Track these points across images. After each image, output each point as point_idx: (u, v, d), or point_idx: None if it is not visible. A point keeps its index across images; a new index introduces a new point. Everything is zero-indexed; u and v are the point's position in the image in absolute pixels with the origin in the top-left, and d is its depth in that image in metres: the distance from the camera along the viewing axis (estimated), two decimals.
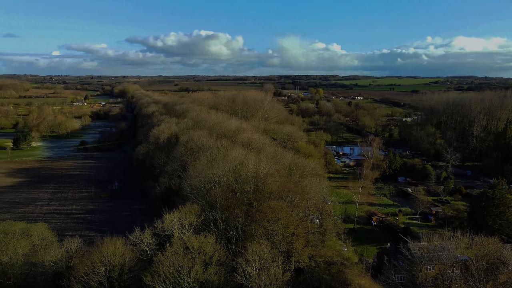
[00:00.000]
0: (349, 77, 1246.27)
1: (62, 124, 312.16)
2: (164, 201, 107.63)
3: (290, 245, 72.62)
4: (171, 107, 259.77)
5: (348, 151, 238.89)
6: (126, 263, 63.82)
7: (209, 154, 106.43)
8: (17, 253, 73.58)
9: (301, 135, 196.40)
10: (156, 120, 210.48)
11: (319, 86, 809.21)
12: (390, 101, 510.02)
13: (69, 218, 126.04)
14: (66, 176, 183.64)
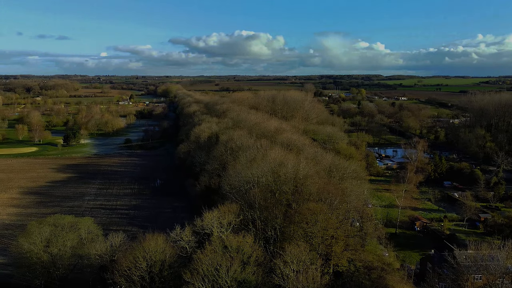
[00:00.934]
0: (393, 77, 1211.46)
1: (109, 122, 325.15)
2: (204, 200, 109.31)
3: (329, 248, 71.55)
4: (212, 107, 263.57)
5: (391, 153, 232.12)
6: (166, 259, 65.32)
7: (248, 154, 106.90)
8: (65, 245, 77.33)
9: (342, 136, 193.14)
10: (197, 119, 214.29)
11: (361, 86, 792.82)
12: (436, 101, 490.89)
13: (114, 213, 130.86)
14: (111, 172, 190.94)
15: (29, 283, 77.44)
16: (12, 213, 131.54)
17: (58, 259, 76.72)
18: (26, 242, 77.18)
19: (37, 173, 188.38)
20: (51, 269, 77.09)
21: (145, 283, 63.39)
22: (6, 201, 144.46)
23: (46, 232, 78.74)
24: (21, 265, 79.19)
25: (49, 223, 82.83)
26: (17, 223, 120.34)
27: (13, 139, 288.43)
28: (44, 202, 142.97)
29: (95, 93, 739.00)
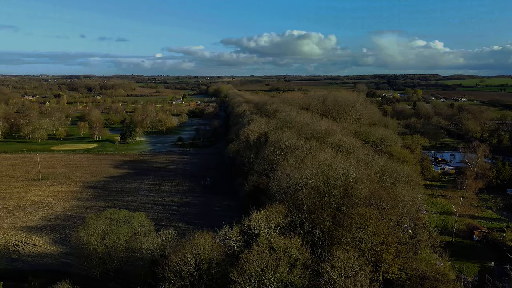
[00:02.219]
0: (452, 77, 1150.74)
1: (162, 121, 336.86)
2: (252, 199, 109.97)
3: (379, 254, 69.23)
4: (262, 107, 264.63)
5: (448, 157, 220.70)
6: (214, 257, 66.34)
7: (297, 155, 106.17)
8: (120, 239, 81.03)
9: (395, 139, 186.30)
10: (247, 119, 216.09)
11: (417, 86, 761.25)
12: (500, 103, 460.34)
13: (165, 209, 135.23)
14: (164, 169, 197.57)
15: (86, 272, 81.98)
16: (73, 206, 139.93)
17: (113, 251, 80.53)
18: (84, 234, 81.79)
19: (96, 168, 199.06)
20: (106, 260, 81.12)
21: (194, 279, 64.77)
22: (68, 194, 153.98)
23: (103, 225, 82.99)
24: (80, 255, 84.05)
25: (105, 216, 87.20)
26: (77, 215, 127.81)
27: (75, 136, 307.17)
28: (101, 196, 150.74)
29: (150, 93, 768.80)
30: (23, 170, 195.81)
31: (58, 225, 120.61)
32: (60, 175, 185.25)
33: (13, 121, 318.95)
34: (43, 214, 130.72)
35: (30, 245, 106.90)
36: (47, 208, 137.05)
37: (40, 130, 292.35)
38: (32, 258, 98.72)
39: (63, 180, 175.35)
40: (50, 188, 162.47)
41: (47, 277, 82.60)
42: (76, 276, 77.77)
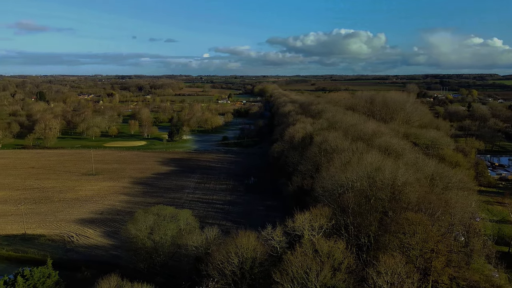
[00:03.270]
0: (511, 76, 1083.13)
1: (208, 120, 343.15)
2: (295, 200, 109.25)
3: (428, 262, 66.33)
4: (307, 107, 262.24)
5: (506, 162, 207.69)
6: (257, 257, 66.49)
7: (343, 156, 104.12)
8: (166, 234, 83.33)
9: (448, 142, 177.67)
10: (292, 119, 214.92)
11: (473, 86, 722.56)
12: None
13: (210, 207, 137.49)
14: (209, 168, 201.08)
15: (134, 265, 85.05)
16: (123, 200, 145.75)
17: (160, 246, 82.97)
18: (133, 228, 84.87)
19: (145, 165, 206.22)
20: (153, 255, 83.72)
21: (237, 278, 65.29)
22: (119, 189, 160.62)
23: (150, 220, 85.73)
24: (129, 249, 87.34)
25: (153, 212, 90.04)
26: (127, 210, 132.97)
27: (126, 133, 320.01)
28: (149, 192, 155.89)
29: (197, 92, 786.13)
30: (78, 165, 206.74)
31: (109, 219, 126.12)
32: (111, 170, 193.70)
33: (70, 118, 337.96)
34: (95, 208, 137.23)
35: (83, 236, 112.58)
36: (99, 202, 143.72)
37: (94, 128, 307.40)
38: (84, 249, 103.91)
39: (114, 176, 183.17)
40: (102, 183, 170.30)
41: (98, 268, 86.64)
42: (125, 269, 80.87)
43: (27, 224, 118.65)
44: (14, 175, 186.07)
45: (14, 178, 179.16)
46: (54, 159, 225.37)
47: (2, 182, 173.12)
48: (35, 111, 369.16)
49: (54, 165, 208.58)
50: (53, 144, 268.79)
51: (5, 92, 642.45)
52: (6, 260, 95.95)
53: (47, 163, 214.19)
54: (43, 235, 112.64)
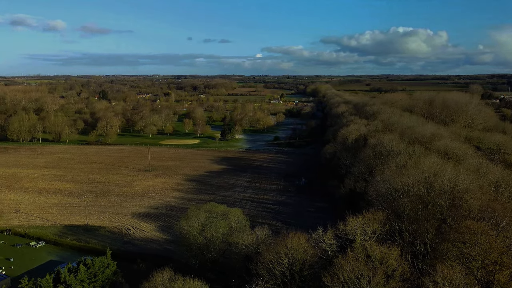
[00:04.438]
0: None
1: (260, 120, 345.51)
2: (347, 203, 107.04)
3: (490, 275, 62.14)
4: (361, 108, 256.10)
5: None
6: (307, 259, 65.87)
7: (399, 160, 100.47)
8: (217, 232, 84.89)
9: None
10: (345, 120, 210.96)
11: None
12: None
13: (260, 207, 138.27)
14: (260, 167, 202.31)
15: (186, 260, 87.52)
16: (177, 197, 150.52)
17: (211, 243, 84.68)
18: (186, 224, 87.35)
19: (198, 163, 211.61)
20: (204, 251, 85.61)
21: (286, 279, 65.09)
22: (173, 186, 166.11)
23: (202, 217, 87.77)
24: (181, 244, 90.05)
25: (205, 209, 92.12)
26: (180, 206, 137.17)
27: (181, 132, 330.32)
28: (202, 190, 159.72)
29: (249, 92, 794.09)
30: (135, 161, 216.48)
31: (163, 214, 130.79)
32: (166, 167, 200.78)
33: (129, 116, 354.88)
34: (151, 203, 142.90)
35: (139, 230, 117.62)
36: (155, 198, 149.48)
37: (151, 126, 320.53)
38: (140, 242, 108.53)
39: (169, 172, 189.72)
40: (157, 179, 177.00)
41: (152, 261, 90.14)
42: (177, 263, 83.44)
43: (88, 216, 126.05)
44: (78, 169, 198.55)
45: (78, 172, 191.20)
46: (114, 155, 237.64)
47: (67, 175, 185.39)
48: (98, 109, 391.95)
49: (114, 160, 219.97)
50: (114, 140, 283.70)
51: (71, 91, 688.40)
52: (70, 249, 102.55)
53: (108, 158, 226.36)
54: (103, 227, 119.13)
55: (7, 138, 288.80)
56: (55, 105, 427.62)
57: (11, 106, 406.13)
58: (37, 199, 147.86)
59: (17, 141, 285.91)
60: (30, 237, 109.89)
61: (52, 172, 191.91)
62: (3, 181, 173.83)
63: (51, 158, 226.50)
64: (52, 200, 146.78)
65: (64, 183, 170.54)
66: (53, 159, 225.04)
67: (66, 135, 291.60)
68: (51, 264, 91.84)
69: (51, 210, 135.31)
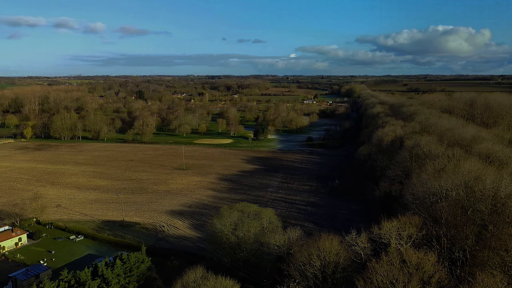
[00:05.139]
0: None
1: (293, 120, 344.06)
2: (382, 206, 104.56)
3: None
4: (397, 109, 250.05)
5: None
6: (340, 262, 64.90)
7: (437, 163, 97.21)
8: (249, 231, 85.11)
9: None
10: (381, 121, 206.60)
11: None
12: None
13: (292, 207, 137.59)
14: (292, 168, 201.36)
15: (218, 259, 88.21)
16: (210, 195, 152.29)
17: (243, 243, 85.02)
18: (218, 223, 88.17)
19: (230, 162, 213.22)
20: (236, 250, 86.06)
21: (318, 281, 64.40)
22: (206, 184, 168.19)
23: (235, 217, 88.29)
24: (213, 242, 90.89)
25: (237, 209, 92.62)
26: (213, 205, 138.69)
27: (214, 131, 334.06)
28: (234, 189, 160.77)
29: (283, 92, 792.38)
30: (170, 159, 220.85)
31: (196, 212, 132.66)
32: (199, 166, 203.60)
33: (164, 116, 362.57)
34: (184, 201, 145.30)
35: (173, 227, 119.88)
36: (188, 196, 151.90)
37: (185, 125, 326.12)
38: (174, 239, 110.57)
39: (202, 171, 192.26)
40: (191, 178, 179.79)
41: (185, 258, 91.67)
42: (209, 261, 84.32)
43: (125, 212, 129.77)
44: (116, 166, 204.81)
45: (115, 169, 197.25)
46: (150, 153, 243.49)
47: (105, 172, 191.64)
48: (134, 109, 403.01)
49: (149, 158, 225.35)
50: (149, 139, 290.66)
51: (110, 91, 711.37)
52: (107, 243, 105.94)
53: (144, 156, 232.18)
54: (138, 223, 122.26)
55: (50, 135, 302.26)
56: (95, 104, 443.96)
57: (54, 105, 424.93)
58: (76, 195, 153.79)
59: (59, 139, 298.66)
60: (70, 231, 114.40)
61: (91, 169, 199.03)
62: (46, 177, 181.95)
63: (90, 156, 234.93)
64: (90, 196, 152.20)
65: (102, 180, 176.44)
66: (92, 156, 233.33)
67: (105, 133, 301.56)
68: (89, 258, 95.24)
69: (89, 206, 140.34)
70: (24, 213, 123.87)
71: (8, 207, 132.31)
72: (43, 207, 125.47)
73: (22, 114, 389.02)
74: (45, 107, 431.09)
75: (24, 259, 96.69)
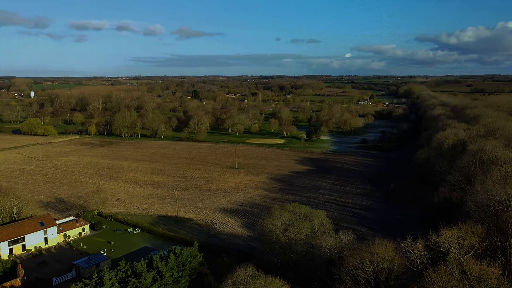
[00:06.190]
0: None
1: (347, 121, 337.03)
2: (440, 213, 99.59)
3: None
4: (460, 111, 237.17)
5: None
6: (394, 269, 62.57)
7: (503, 169, 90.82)
8: (300, 233, 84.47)
9: None
10: (441, 124, 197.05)
11: None
12: None
13: (345, 210, 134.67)
14: (346, 170, 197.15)
15: (268, 258, 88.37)
16: (261, 195, 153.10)
17: (293, 244, 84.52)
18: (269, 223, 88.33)
19: (282, 163, 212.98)
20: (287, 251, 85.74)
21: (370, 287, 62.50)
22: (258, 184, 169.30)
23: (286, 217, 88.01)
24: (264, 242, 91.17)
25: (288, 209, 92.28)
26: (264, 204, 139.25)
27: (266, 131, 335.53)
28: (285, 189, 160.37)
29: (337, 92, 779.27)
30: (223, 158, 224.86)
31: (248, 211, 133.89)
32: (251, 165, 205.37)
33: (218, 115, 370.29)
34: (236, 199, 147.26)
35: (225, 225, 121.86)
36: (240, 194, 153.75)
37: (238, 124, 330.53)
38: (225, 237, 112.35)
39: (254, 171, 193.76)
40: (243, 177, 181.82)
41: (235, 256, 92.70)
42: (259, 260, 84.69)
43: (179, 208, 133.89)
44: (171, 163, 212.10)
45: (171, 166, 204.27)
46: (203, 151, 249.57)
47: (161, 169, 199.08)
48: (190, 108, 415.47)
49: (203, 157, 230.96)
50: (203, 138, 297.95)
51: (168, 90, 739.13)
52: (162, 237, 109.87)
53: (198, 154, 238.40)
54: (191, 219, 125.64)
55: (111, 132, 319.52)
56: (153, 104, 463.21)
57: (116, 104, 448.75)
58: (135, 190, 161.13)
59: (119, 136, 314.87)
60: (128, 224, 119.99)
61: (148, 165, 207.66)
62: (108, 172, 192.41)
63: (147, 152, 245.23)
64: (147, 191, 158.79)
65: (158, 176, 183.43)
66: (149, 153, 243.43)
67: (162, 132, 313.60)
68: (145, 250, 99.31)
69: (146, 200, 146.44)
70: (87, 205, 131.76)
71: (73, 198, 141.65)
72: (104, 200, 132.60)
73: (87, 112, 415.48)
74: (108, 106, 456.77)
75: (86, 248, 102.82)
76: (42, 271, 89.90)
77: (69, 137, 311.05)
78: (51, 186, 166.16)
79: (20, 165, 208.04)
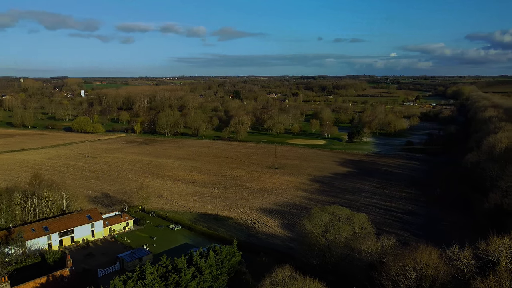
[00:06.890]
0: None
1: (391, 123, 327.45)
2: (491, 220, 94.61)
3: None
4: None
5: None
6: (439, 276, 60.01)
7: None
8: (340, 235, 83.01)
9: None
10: (493, 126, 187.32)
11: None
12: None
13: (387, 214, 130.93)
14: (389, 173, 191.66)
15: (307, 260, 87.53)
16: (300, 196, 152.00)
17: (333, 246, 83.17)
18: (308, 224, 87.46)
19: (323, 164, 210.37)
20: (326, 253, 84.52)
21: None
22: (297, 185, 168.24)
23: (325, 219, 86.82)
24: (303, 243, 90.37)
25: (328, 211, 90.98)
26: (303, 205, 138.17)
27: (307, 131, 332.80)
28: (325, 191, 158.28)
29: (381, 93, 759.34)
30: (263, 158, 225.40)
31: (287, 212, 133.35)
32: (291, 166, 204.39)
33: (258, 115, 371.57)
34: (275, 199, 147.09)
35: (264, 224, 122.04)
36: (279, 195, 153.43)
37: (279, 125, 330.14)
38: (264, 236, 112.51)
39: (294, 171, 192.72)
40: (282, 177, 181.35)
41: (273, 256, 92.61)
42: (298, 261, 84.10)
43: (219, 206, 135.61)
44: (212, 162, 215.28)
45: (211, 165, 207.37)
46: (243, 151, 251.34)
47: (202, 167, 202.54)
48: (231, 108, 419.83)
49: (243, 156, 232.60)
50: (244, 137, 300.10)
51: (209, 90, 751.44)
52: (202, 235, 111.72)
53: (238, 154, 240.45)
54: (231, 218, 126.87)
55: (155, 131, 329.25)
56: (195, 103, 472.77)
57: (160, 104, 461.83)
58: (176, 187, 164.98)
59: (163, 134, 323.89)
60: (170, 220, 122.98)
61: (189, 163, 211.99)
62: (151, 169, 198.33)
63: (189, 151, 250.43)
64: (188, 189, 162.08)
65: (199, 174, 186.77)
66: (191, 152, 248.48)
67: (203, 131, 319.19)
68: (185, 247, 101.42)
69: (187, 198, 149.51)
70: (132, 201, 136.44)
71: (118, 194, 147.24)
72: (148, 197, 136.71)
73: (133, 111, 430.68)
74: (152, 105, 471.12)
75: (130, 242, 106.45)
76: (88, 263, 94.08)
77: (115, 135, 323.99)
78: (98, 181, 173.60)
79: (70, 161, 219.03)
